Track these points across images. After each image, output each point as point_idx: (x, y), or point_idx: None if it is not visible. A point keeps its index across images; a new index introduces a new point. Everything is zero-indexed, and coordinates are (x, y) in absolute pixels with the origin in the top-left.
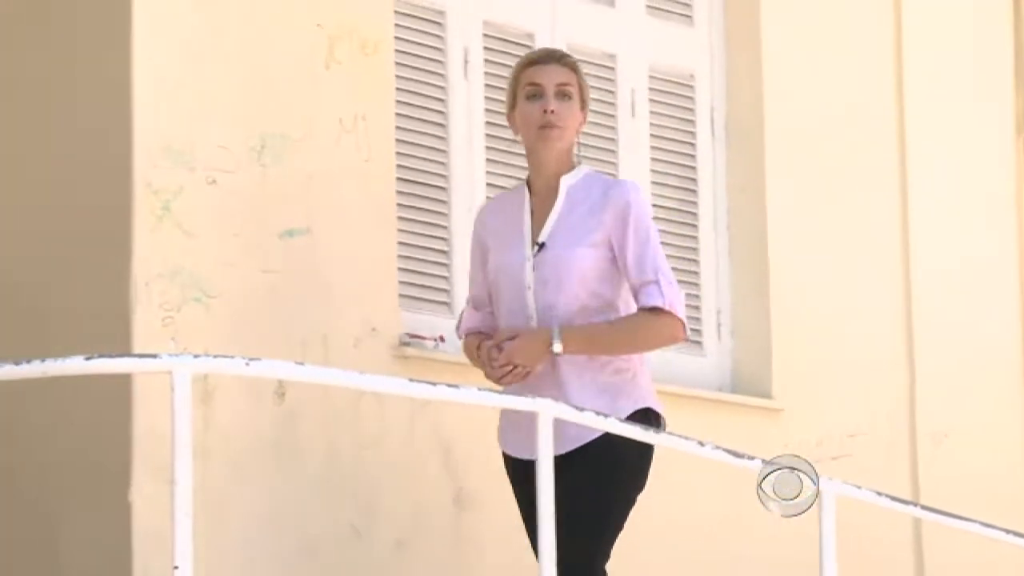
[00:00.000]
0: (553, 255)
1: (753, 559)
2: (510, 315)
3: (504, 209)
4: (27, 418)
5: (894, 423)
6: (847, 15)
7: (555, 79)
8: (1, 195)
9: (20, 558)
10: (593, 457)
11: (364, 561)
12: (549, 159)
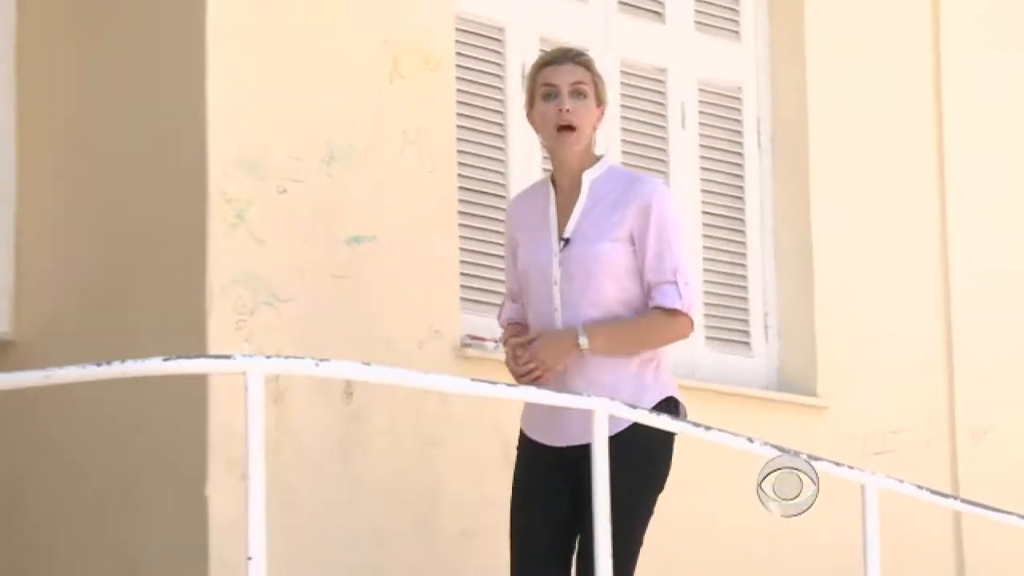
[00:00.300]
0: (578, 250)
1: (799, 552)
2: (537, 309)
3: (531, 203)
4: (108, 417)
5: (934, 420)
6: (888, 29)
7: (569, 79)
8: (83, 205)
9: (102, 549)
10: (622, 446)
11: (428, 551)
12: (570, 156)
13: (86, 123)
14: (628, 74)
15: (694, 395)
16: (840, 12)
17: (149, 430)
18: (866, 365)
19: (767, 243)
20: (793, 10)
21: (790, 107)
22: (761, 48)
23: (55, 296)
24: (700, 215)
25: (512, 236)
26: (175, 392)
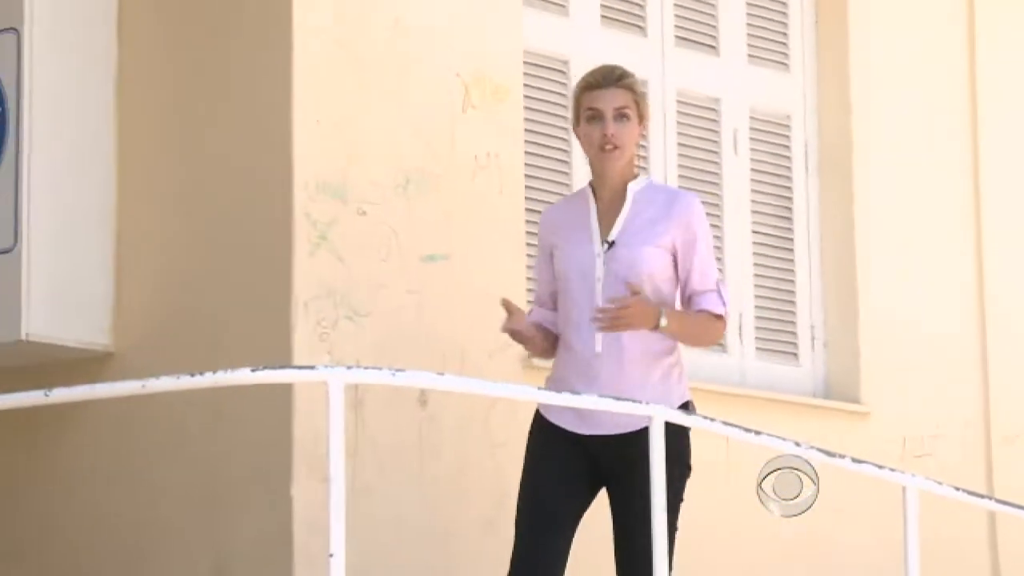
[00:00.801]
0: (625, 252)
1: (843, 552)
2: (579, 304)
3: (569, 212)
4: (201, 423)
5: (970, 425)
6: (926, 61)
7: (613, 103)
8: (178, 226)
9: (196, 544)
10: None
11: (495, 549)
12: (613, 172)
13: (181, 152)
14: (684, 103)
15: (745, 402)
16: (882, 45)
17: (239, 436)
18: (907, 374)
19: (814, 260)
20: (838, 44)
21: (835, 134)
22: (808, 79)
23: (151, 311)
24: (751, 235)
25: (547, 242)
26: (263, 400)
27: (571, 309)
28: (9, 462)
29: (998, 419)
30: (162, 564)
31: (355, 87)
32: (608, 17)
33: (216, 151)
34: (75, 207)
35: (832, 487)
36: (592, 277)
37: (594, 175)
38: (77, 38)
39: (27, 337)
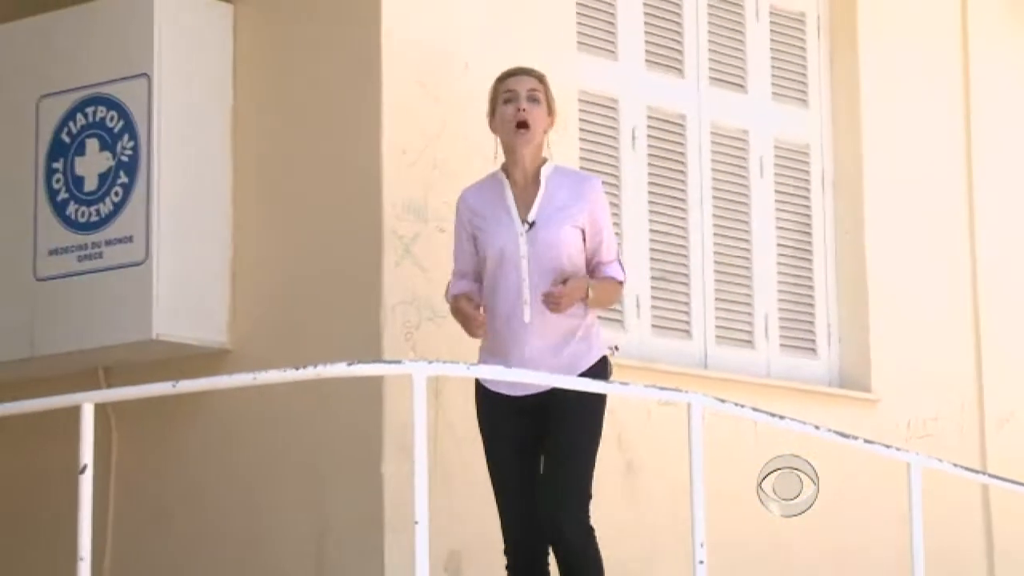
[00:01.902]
0: (545, 234)
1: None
2: (506, 278)
3: (486, 194)
4: (305, 411)
5: (966, 410)
6: (927, 99)
7: (526, 86)
8: (284, 241)
9: (299, 516)
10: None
11: None
12: (525, 155)
13: (287, 179)
14: (717, 135)
15: (770, 391)
16: (887, 85)
17: (338, 422)
18: (911, 366)
19: (830, 269)
20: (850, 83)
21: (848, 160)
22: (824, 113)
23: (262, 314)
24: (775, 247)
25: (468, 222)
26: (358, 391)
27: (499, 283)
28: (149, 442)
29: (990, 405)
30: (274, 529)
31: (434, 122)
32: (651, 61)
33: (317, 178)
34: (196, 226)
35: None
36: (517, 255)
37: (508, 158)
38: (198, 81)
39: (157, 336)
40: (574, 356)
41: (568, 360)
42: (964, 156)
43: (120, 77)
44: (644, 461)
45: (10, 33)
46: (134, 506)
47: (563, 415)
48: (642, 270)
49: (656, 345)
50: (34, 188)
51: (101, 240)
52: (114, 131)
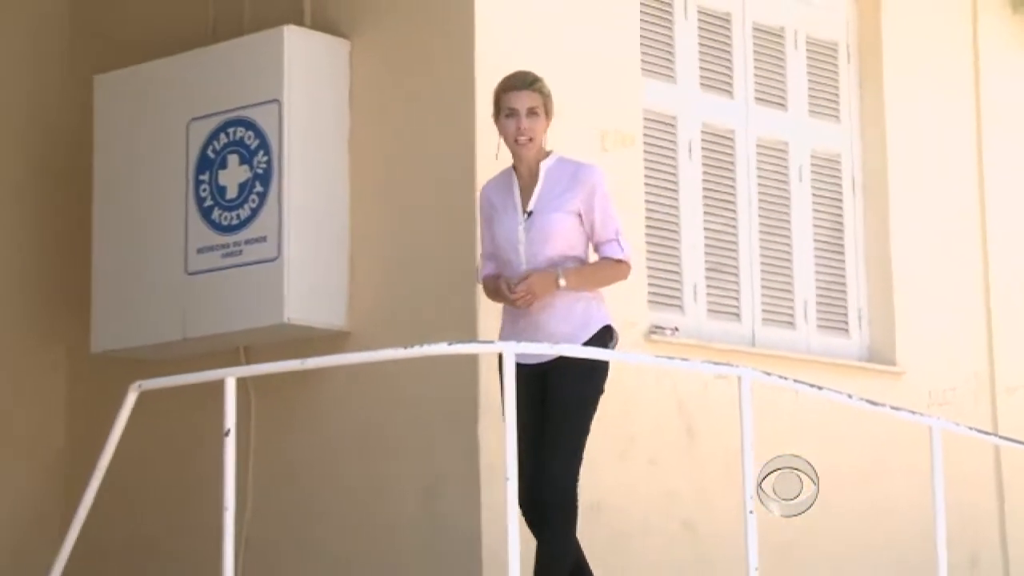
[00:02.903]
0: (539, 219)
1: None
2: (507, 262)
3: (499, 188)
4: (413, 383)
5: (980, 380)
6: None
7: (526, 103)
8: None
9: (411, 469)
10: (575, 365)
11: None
12: (528, 155)
13: (395, 184)
14: (761, 147)
15: (809, 366)
16: (909, 102)
17: (441, 392)
18: (931, 343)
19: (860, 259)
20: (876, 102)
21: (874, 167)
22: (854, 127)
23: (376, 301)
24: (812, 242)
25: (487, 211)
26: (457, 365)
27: (505, 266)
28: (282, 410)
29: (1001, 376)
30: (388, 483)
31: None
32: (705, 84)
33: (420, 183)
34: (319, 227)
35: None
36: (515, 241)
37: (514, 159)
38: (320, 105)
39: (288, 321)
40: (574, 329)
41: (567, 333)
42: (975, 162)
43: (255, 102)
44: (701, 426)
45: (165, 67)
46: (270, 464)
47: (562, 380)
48: (698, 263)
49: (711, 327)
50: (185, 197)
51: (240, 240)
52: (251, 148)
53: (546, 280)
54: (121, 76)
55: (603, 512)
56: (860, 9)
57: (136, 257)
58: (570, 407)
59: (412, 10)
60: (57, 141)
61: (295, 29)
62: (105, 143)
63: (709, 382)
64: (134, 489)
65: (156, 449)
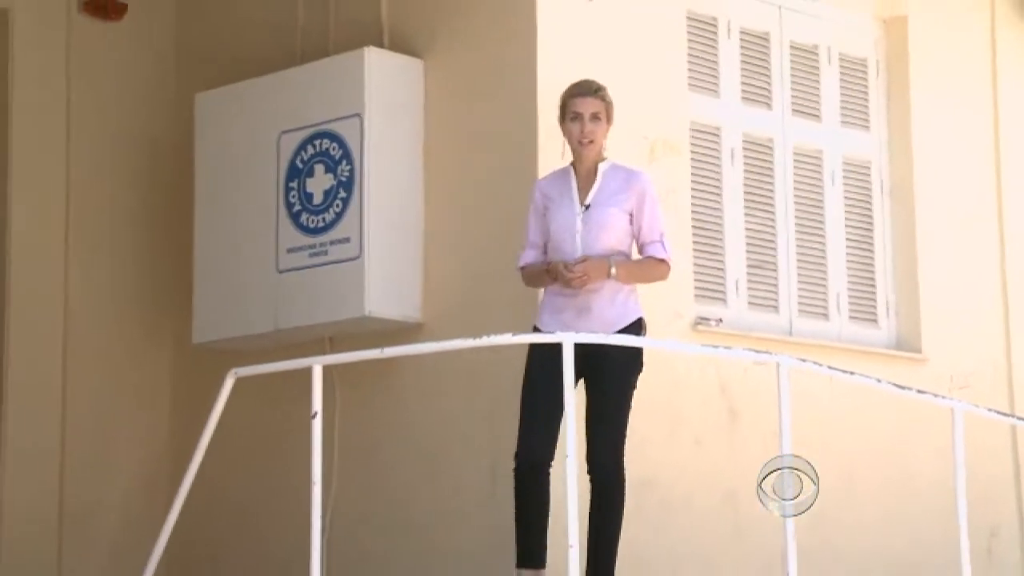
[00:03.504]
0: (596, 212)
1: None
2: (562, 250)
3: (556, 183)
4: (480, 370)
5: (998, 366)
6: (961, 123)
7: (590, 109)
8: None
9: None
10: (621, 352)
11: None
12: (588, 157)
13: (465, 191)
14: (798, 155)
15: (841, 353)
16: (933, 113)
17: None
18: (953, 332)
19: (888, 256)
20: (903, 113)
21: (901, 173)
22: (882, 136)
23: (447, 295)
24: (845, 241)
25: (541, 203)
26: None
27: (559, 253)
28: (363, 394)
29: (1017, 362)
30: (458, 462)
31: None
32: (746, 97)
33: (488, 189)
34: (397, 229)
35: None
36: (573, 230)
37: (575, 157)
38: (397, 119)
39: (368, 314)
40: (617, 315)
41: (613, 318)
42: (994, 167)
43: (339, 117)
44: (742, 408)
45: (258, 85)
46: (352, 443)
47: (607, 364)
48: (740, 260)
49: (751, 318)
50: (276, 202)
51: (326, 241)
52: (335, 158)
53: (600, 266)
54: (219, 94)
55: (653, 486)
56: (887, 28)
57: (232, 257)
58: (616, 392)
59: (480, 31)
60: (163, 153)
61: (374, 50)
62: (205, 155)
63: (749, 368)
64: (232, 466)
65: (251, 430)
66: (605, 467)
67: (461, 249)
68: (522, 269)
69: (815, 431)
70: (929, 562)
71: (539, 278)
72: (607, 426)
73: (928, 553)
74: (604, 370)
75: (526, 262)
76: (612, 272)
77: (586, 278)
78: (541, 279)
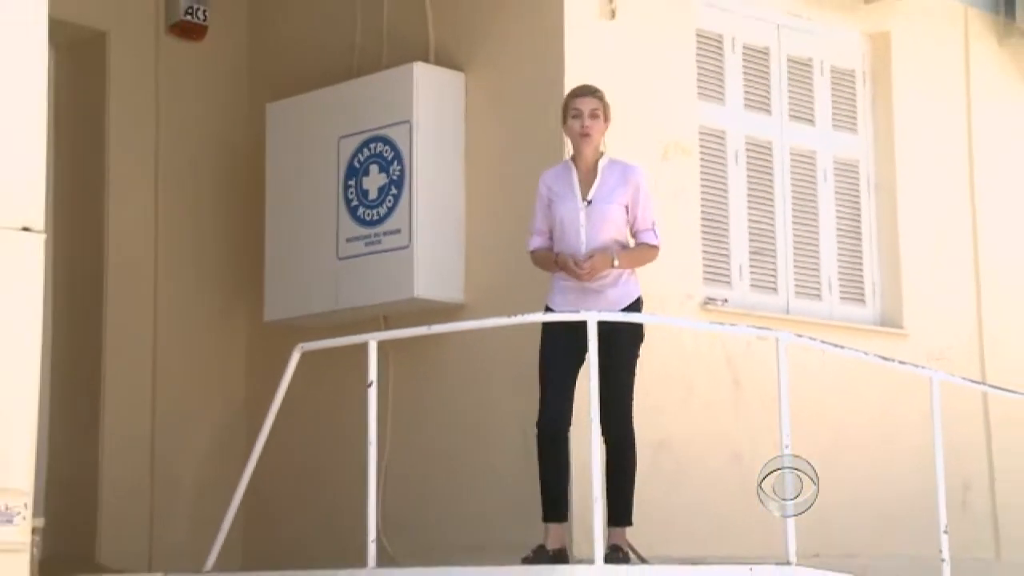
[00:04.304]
0: (598, 207)
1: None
2: (568, 241)
3: (559, 177)
4: (516, 344)
5: (971, 340)
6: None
7: (589, 106)
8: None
9: (511, 417)
10: (627, 328)
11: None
12: (587, 153)
13: (500, 188)
14: (794, 155)
15: (832, 329)
16: (913, 118)
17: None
18: (931, 311)
19: (874, 244)
20: (887, 118)
21: (885, 171)
22: (868, 138)
23: (485, 279)
24: (835, 230)
25: (545, 195)
26: None
27: (564, 241)
28: (413, 366)
29: (987, 338)
30: (495, 426)
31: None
32: (748, 104)
33: (521, 185)
34: (441, 222)
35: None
36: (578, 223)
37: (575, 153)
38: (441, 124)
39: (417, 296)
40: (620, 295)
41: (616, 297)
42: (967, 165)
43: (391, 123)
44: (745, 378)
45: (320, 96)
46: (403, 409)
47: (618, 339)
48: (743, 247)
49: (753, 298)
50: (336, 198)
51: (380, 232)
52: (388, 159)
53: (605, 259)
54: (287, 104)
55: (667, 448)
56: (873, 43)
57: (298, 246)
58: (624, 361)
59: (514, 48)
60: (239, 156)
61: (422, 65)
62: (275, 157)
63: (752, 343)
64: (297, 429)
65: (314, 398)
66: (619, 429)
67: (497, 239)
68: (532, 252)
69: (810, 398)
70: (911, 513)
71: (547, 263)
72: (618, 390)
73: (910, 505)
74: (613, 342)
75: (535, 247)
76: (615, 263)
77: (593, 272)
78: (549, 265)
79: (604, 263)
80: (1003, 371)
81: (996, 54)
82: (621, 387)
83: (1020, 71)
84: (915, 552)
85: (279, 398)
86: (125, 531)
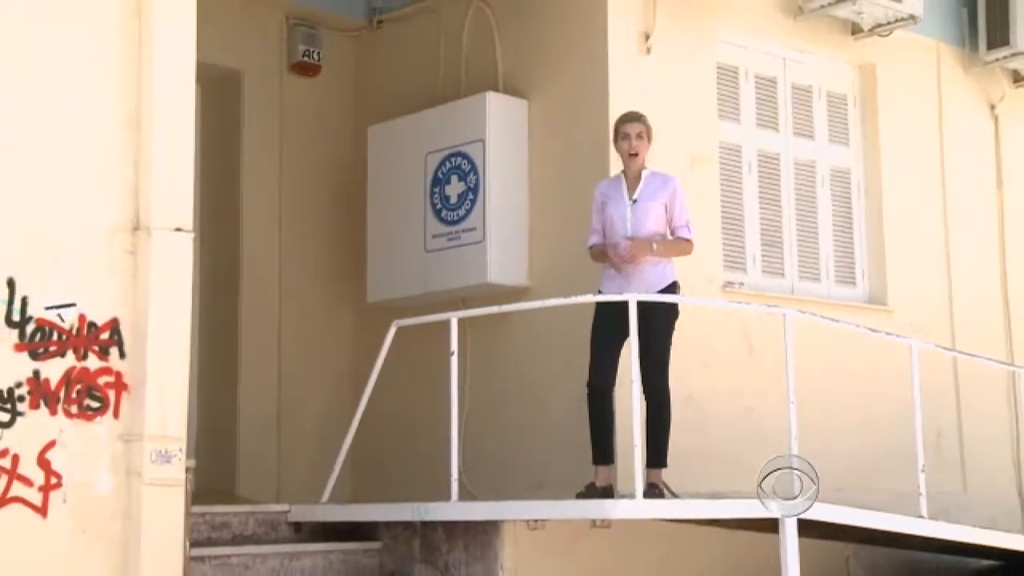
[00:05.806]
0: (642, 205)
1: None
2: (616, 234)
3: (611, 186)
4: (572, 320)
5: (943, 314)
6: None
7: (635, 130)
8: (558, 231)
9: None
10: (663, 306)
11: (708, 376)
12: (634, 166)
13: (558, 194)
14: (798, 165)
15: (829, 307)
16: (896, 134)
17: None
18: (911, 291)
19: (863, 237)
20: (874, 134)
21: (873, 179)
22: (858, 151)
23: (546, 267)
24: (832, 228)
25: (600, 201)
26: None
27: (614, 234)
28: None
29: (957, 314)
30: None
31: None
32: (759, 123)
33: (575, 192)
34: (510, 221)
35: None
36: (625, 219)
37: (625, 167)
38: (509, 142)
39: (490, 281)
40: (658, 278)
41: (654, 280)
42: (939, 172)
43: (468, 141)
44: (758, 346)
45: (411, 120)
46: (479, 377)
47: (654, 317)
48: (756, 239)
49: (764, 281)
50: (424, 202)
51: (460, 230)
52: (466, 171)
53: (644, 245)
54: (384, 127)
55: (693, 402)
56: (861, 73)
57: (394, 242)
58: (661, 333)
59: (568, 80)
60: (346, 169)
61: (493, 94)
62: (375, 170)
63: (763, 317)
64: (394, 391)
65: (407, 365)
66: (656, 388)
67: (555, 234)
68: (590, 248)
69: (811, 363)
70: (893, 457)
71: (602, 255)
72: (656, 358)
73: (893, 451)
74: (652, 318)
75: (592, 243)
76: (654, 248)
77: (630, 256)
78: (602, 256)
79: (643, 248)
80: (970, 339)
81: (963, 81)
82: (659, 353)
83: (983, 95)
84: (898, 488)
85: (379, 364)
86: (258, 470)
